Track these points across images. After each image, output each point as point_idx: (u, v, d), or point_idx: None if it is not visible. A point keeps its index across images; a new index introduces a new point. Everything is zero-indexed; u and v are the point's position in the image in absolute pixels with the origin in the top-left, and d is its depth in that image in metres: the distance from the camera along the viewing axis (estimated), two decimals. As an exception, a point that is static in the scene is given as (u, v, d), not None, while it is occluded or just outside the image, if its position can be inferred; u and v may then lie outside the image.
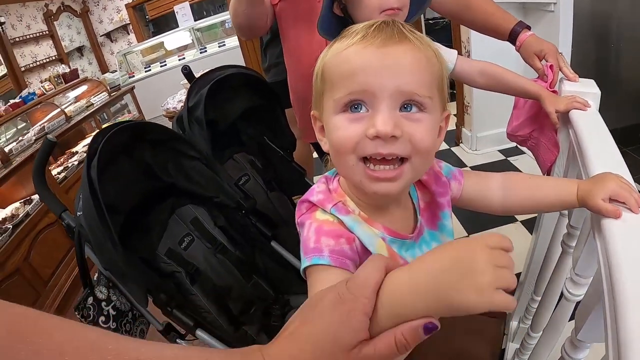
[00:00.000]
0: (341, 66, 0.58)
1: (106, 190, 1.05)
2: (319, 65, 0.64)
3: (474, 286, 0.38)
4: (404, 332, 0.41)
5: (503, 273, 0.39)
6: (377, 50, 0.56)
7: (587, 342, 0.72)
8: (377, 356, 0.41)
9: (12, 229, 2.60)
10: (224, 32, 6.18)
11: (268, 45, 2.32)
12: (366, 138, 0.55)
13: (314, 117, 0.67)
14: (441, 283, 0.40)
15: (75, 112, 4.05)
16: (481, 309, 0.38)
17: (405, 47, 0.57)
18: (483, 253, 0.40)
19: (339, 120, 0.58)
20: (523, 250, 1.62)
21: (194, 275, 1.34)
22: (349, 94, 0.56)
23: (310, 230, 0.61)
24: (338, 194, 0.65)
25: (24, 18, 5.20)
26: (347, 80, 0.56)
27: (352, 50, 0.57)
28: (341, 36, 0.62)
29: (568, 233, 0.98)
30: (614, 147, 0.84)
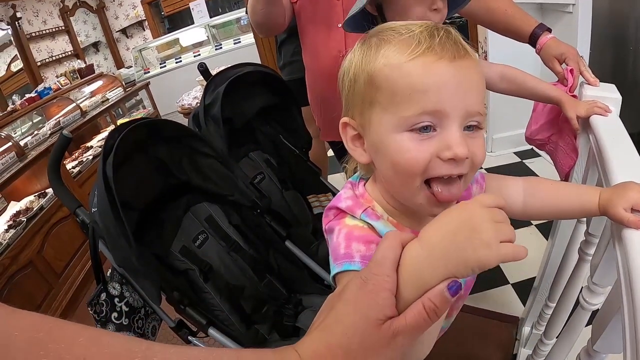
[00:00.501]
0: (410, 79, 0.53)
1: (121, 187, 1.06)
2: (364, 68, 0.58)
3: (480, 243, 0.41)
4: (430, 297, 0.41)
5: (502, 227, 0.42)
6: (449, 65, 0.53)
7: (603, 353, 0.71)
8: (409, 327, 0.41)
9: (26, 222, 2.64)
10: (239, 29, 6.18)
11: (283, 44, 2.33)
12: (437, 159, 0.53)
13: (347, 124, 0.63)
14: (451, 246, 0.42)
15: (91, 107, 4.08)
16: (493, 262, 0.40)
17: (469, 62, 0.55)
18: (482, 212, 0.43)
19: (405, 140, 0.54)
20: (538, 255, 1.60)
21: (208, 274, 1.34)
22: (422, 114, 0.53)
23: (340, 237, 0.60)
24: (366, 200, 0.64)
25: (40, 13, 5.25)
26: (418, 96, 0.53)
27: (420, 62, 0.53)
28: (389, 36, 0.57)
29: (586, 240, 0.97)
30: (635, 154, 0.82)
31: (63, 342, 0.35)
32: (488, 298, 1.95)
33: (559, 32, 1.27)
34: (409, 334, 0.41)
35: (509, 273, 2.05)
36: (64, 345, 0.35)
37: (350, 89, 0.62)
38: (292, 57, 2.28)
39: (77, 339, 0.36)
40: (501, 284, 2.01)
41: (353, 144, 0.63)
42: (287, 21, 1.46)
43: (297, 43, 2.26)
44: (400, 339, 0.41)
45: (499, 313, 1.79)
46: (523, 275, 2.01)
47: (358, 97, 0.60)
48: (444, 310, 0.42)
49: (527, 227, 2.30)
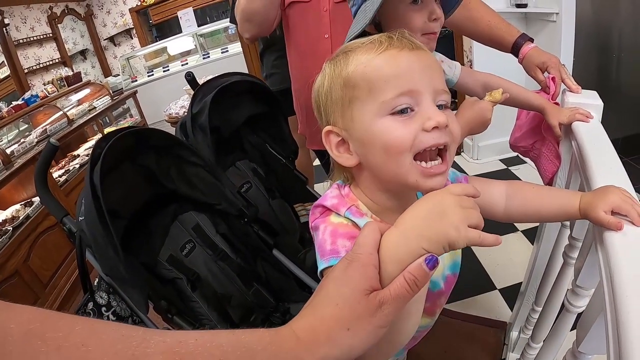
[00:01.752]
0: (383, 69, 0.59)
1: (108, 196, 1.05)
2: (338, 75, 0.64)
3: (449, 224, 0.46)
4: (410, 270, 0.46)
5: (469, 212, 0.48)
6: (411, 54, 0.60)
7: (588, 354, 0.72)
8: (393, 296, 0.45)
9: (12, 231, 2.60)
10: (227, 38, 6.19)
11: (262, 55, 2.35)
12: (422, 132, 0.58)
13: (330, 132, 0.66)
14: (424, 228, 0.47)
15: (78, 116, 4.05)
16: (461, 243, 0.46)
17: (426, 52, 0.62)
18: (450, 198, 0.48)
19: (389, 122, 0.59)
20: (524, 260, 1.62)
21: (195, 282, 1.34)
22: (399, 95, 0.58)
23: (325, 234, 0.63)
24: (350, 199, 0.67)
25: (28, 20, 5.22)
26: (393, 81, 0.58)
27: (387, 54, 0.60)
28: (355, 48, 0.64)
29: (570, 244, 0.98)
30: (616, 159, 0.84)
31: (60, 331, 0.36)
32: (476, 304, 1.96)
33: (543, 41, 1.30)
34: (394, 303, 0.45)
35: (496, 279, 2.07)
36: (61, 334, 0.36)
37: (328, 99, 0.66)
38: (272, 70, 2.30)
39: (74, 328, 0.37)
40: (489, 289, 2.02)
41: (337, 151, 0.66)
42: (276, 23, 1.46)
43: (276, 55, 2.29)
44: (386, 307, 0.45)
45: (487, 318, 1.80)
46: (510, 280, 2.03)
47: (337, 103, 0.64)
48: (423, 282, 0.46)
49: (513, 232, 2.32)
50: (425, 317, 0.84)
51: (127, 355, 0.37)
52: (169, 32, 6.49)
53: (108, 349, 0.37)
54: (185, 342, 0.40)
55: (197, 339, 0.41)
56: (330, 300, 0.46)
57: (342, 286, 0.46)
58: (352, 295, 0.45)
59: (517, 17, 2.67)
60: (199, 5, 6.26)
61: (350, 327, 0.44)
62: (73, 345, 0.35)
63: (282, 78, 2.28)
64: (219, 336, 0.42)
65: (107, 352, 0.37)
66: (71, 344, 0.35)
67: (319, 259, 0.62)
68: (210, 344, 0.41)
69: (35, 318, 0.36)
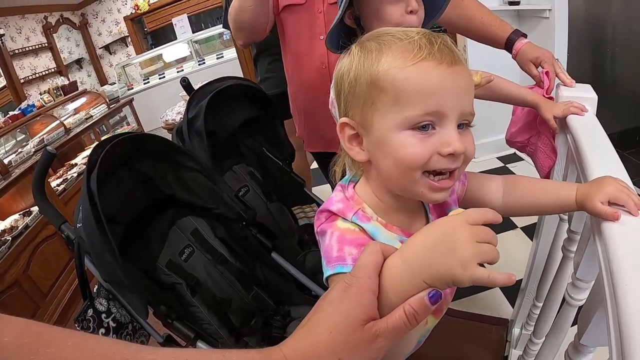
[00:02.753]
0: (414, 83, 0.57)
1: (106, 202, 1.05)
2: (366, 70, 0.61)
3: (457, 261, 0.42)
4: (411, 303, 0.44)
5: (483, 248, 0.44)
6: (447, 70, 0.57)
7: (590, 346, 0.72)
8: (390, 329, 0.44)
9: (11, 241, 2.60)
10: (222, 44, 6.20)
11: (257, 60, 2.37)
12: (437, 155, 0.57)
13: (345, 124, 0.65)
14: (429, 261, 0.44)
15: (75, 124, 4.05)
16: (467, 282, 0.42)
17: (463, 68, 0.60)
18: (464, 230, 0.44)
19: (408, 137, 0.58)
20: (524, 256, 1.61)
21: (195, 287, 1.33)
22: (426, 114, 0.57)
23: (332, 239, 0.62)
24: (356, 202, 0.66)
25: (23, 30, 5.22)
26: (423, 98, 0.57)
27: (422, 67, 0.57)
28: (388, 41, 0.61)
29: (568, 238, 0.98)
30: (612, 150, 0.84)
31: (53, 346, 0.36)
32: (477, 302, 1.96)
33: (537, 37, 1.31)
34: (390, 336, 0.44)
35: (497, 276, 2.06)
36: (54, 349, 0.36)
37: (351, 91, 0.63)
38: (266, 74, 2.32)
39: (67, 343, 0.37)
40: (489, 287, 2.02)
41: (350, 144, 0.65)
42: (268, 29, 1.47)
43: (271, 59, 2.30)
44: (381, 340, 0.43)
45: (489, 316, 1.79)
46: (511, 277, 2.02)
47: (359, 98, 0.62)
48: (423, 316, 0.44)
49: (512, 230, 2.32)
50: (433, 318, 0.83)
51: None
52: (164, 39, 6.49)
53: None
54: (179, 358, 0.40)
55: (190, 356, 0.41)
56: (325, 327, 0.45)
57: (337, 313, 0.45)
58: (347, 325, 0.44)
59: (510, 14, 2.68)
60: (193, 12, 6.27)
61: (342, 358, 0.43)
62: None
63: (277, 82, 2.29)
64: (210, 356, 0.42)
65: None
66: (63, 359, 0.35)
67: (325, 265, 0.62)
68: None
69: (28, 332, 0.36)
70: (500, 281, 0.43)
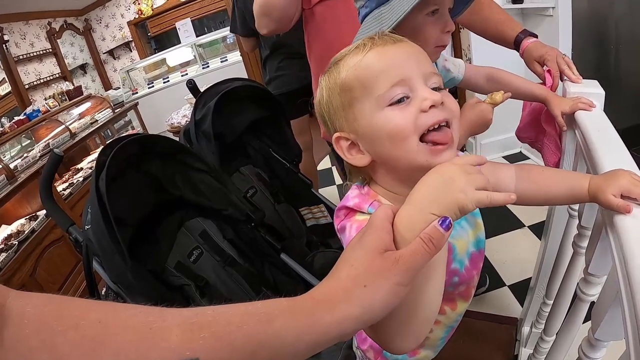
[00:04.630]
0: (372, 67, 0.63)
1: (114, 203, 1.06)
2: (334, 83, 0.67)
3: (457, 189, 0.49)
4: (425, 230, 0.47)
5: (474, 177, 0.50)
6: (394, 46, 0.64)
7: (605, 340, 0.71)
8: (409, 252, 0.46)
9: (17, 245, 2.61)
10: (226, 48, 6.21)
11: (267, 60, 2.37)
12: (421, 114, 0.60)
13: (339, 138, 0.68)
14: (435, 196, 0.50)
15: (80, 129, 4.07)
16: (471, 205, 0.49)
17: (408, 43, 0.66)
18: (454, 167, 0.52)
19: (389, 112, 0.62)
20: (532, 255, 1.61)
21: (204, 289, 1.33)
22: (393, 86, 0.61)
23: (352, 231, 0.66)
24: (371, 196, 0.69)
25: (27, 36, 5.24)
26: (383, 74, 0.62)
27: (373, 53, 0.64)
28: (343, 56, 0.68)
29: (579, 234, 0.98)
30: (621, 145, 0.83)
31: (78, 310, 0.36)
32: (486, 301, 1.95)
33: (541, 35, 1.30)
34: (410, 258, 0.46)
35: (504, 275, 2.06)
36: (78, 313, 0.36)
37: (330, 108, 0.69)
38: (276, 72, 2.32)
39: (91, 307, 0.37)
40: (498, 286, 2.01)
41: (350, 154, 0.68)
42: (294, 21, 1.43)
43: (281, 58, 2.30)
44: (403, 263, 0.45)
45: (498, 315, 1.79)
46: (519, 276, 2.02)
47: (338, 109, 0.67)
48: (439, 242, 0.47)
49: (520, 228, 2.31)
50: (462, 302, 0.85)
51: (145, 329, 0.37)
52: (168, 44, 6.51)
53: (125, 323, 0.37)
54: (203, 313, 0.40)
55: (214, 310, 0.41)
56: (346, 263, 0.47)
57: (356, 250, 0.48)
58: (366, 254, 0.47)
59: (514, 13, 2.67)
60: (196, 16, 6.29)
61: (367, 284, 0.44)
62: (90, 323, 0.35)
63: (286, 80, 2.30)
64: (236, 306, 0.42)
65: (124, 326, 0.37)
66: (88, 321, 0.35)
67: None
68: (228, 313, 0.41)
69: (51, 301, 0.36)
70: (501, 199, 0.49)
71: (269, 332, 0.40)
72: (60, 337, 0.34)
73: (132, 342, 0.36)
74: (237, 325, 0.40)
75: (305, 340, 0.42)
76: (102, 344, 0.35)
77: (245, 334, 0.40)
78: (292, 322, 0.42)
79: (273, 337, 0.40)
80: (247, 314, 0.41)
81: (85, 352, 0.34)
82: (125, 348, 0.35)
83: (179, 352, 0.37)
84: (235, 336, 0.39)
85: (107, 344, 0.35)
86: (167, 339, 0.37)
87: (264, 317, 0.41)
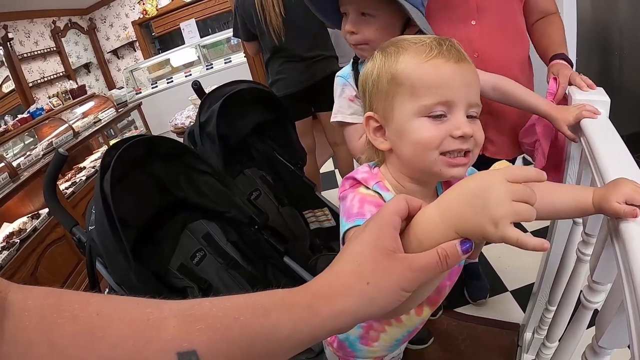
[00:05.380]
0: (427, 76, 0.66)
1: (119, 204, 1.06)
2: (387, 70, 0.70)
3: (490, 218, 0.43)
4: (444, 246, 0.45)
5: (518, 207, 0.42)
6: (455, 66, 0.66)
7: (608, 348, 0.71)
8: (423, 263, 0.45)
9: (19, 244, 2.61)
10: (230, 49, 6.21)
11: (268, 63, 2.39)
12: (449, 138, 0.65)
13: (370, 118, 0.73)
14: (463, 213, 0.45)
15: (83, 128, 4.07)
16: (497, 240, 0.43)
17: (469, 64, 0.68)
18: (501, 187, 0.43)
19: (423, 123, 0.66)
20: (535, 261, 1.60)
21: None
22: (438, 103, 0.65)
23: (354, 200, 0.69)
24: (379, 177, 0.74)
25: (31, 34, 5.25)
26: (434, 89, 0.65)
27: (434, 63, 0.66)
28: (407, 45, 0.70)
29: (583, 241, 0.98)
30: (626, 152, 0.84)
31: (77, 303, 0.36)
32: (487, 307, 1.95)
33: (545, 42, 1.32)
34: (421, 271, 0.45)
35: (507, 281, 2.05)
36: (77, 305, 0.36)
37: (374, 88, 0.73)
38: (276, 76, 2.34)
39: (89, 300, 0.37)
40: (500, 292, 2.01)
41: (374, 135, 0.74)
42: None
43: (281, 62, 2.32)
44: (413, 274, 0.44)
45: (500, 321, 1.79)
46: (521, 282, 2.01)
47: (381, 93, 0.71)
48: (453, 261, 0.45)
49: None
50: (428, 308, 0.89)
51: (142, 320, 0.37)
52: (172, 44, 6.52)
53: (123, 315, 0.37)
54: (200, 305, 0.40)
55: (212, 302, 0.41)
56: (350, 256, 0.46)
57: (362, 244, 0.46)
58: (373, 253, 0.45)
59: (519, 18, 2.67)
60: (201, 17, 6.30)
61: (371, 282, 0.43)
62: (88, 315, 0.36)
63: (287, 83, 2.31)
64: (234, 298, 0.42)
65: (122, 318, 0.37)
66: (86, 313, 0.36)
67: (344, 222, 0.68)
68: (225, 305, 0.41)
69: (51, 294, 0.37)
70: (531, 245, 0.43)
71: (266, 324, 0.41)
72: (58, 329, 0.34)
73: (129, 334, 0.36)
74: (233, 317, 0.40)
75: (303, 332, 0.42)
76: (99, 336, 0.35)
77: (242, 326, 0.40)
78: (288, 314, 0.42)
79: (270, 329, 0.41)
80: (244, 306, 0.41)
81: (83, 345, 0.34)
82: (122, 340, 0.36)
83: (176, 344, 0.37)
84: (232, 328, 0.39)
85: (105, 337, 0.35)
86: (165, 330, 0.37)
87: (260, 310, 0.41)
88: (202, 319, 0.39)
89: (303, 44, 2.27)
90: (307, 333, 0.42)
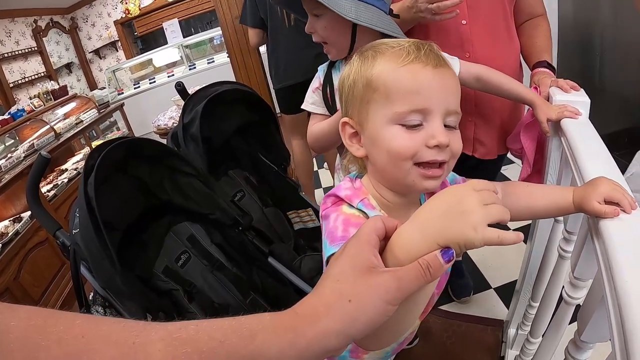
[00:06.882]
0: (403, 82, 0.63)
1: (103, 208, 1.05)
2: (362, 74, 0.68)
3: (469, 224, 0.44)
4: (425, 257, 0.45)
5: (491, 210, 0.45)
6: (433, 71, 0.63)
7: (590, 342, 0.73)
8: (401, 274, 0.45)
9: (1, 248, 2.57)
10: (213, 49, 6.19)
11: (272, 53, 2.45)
12: (424, 147, 0.63)
13: (346, 123, 0.71)
14: (442, 225, 0.46)
15: (65, 129, 4.01)
16: (479, 243, 0.44)
17: (448, 70, 0.66)
18: (471, 195, 0.46)
19: (396, 131, 0.64)
20: (517, 258, 1.63)
21: (192, 293, 1.33)
22: (412, 111, 0.63)
23: (337, 221, 0.66)
24: (362, 192, 0.71)
25: (12, 34, 5.17)
26: (409, 95, 0.63)
27: (410, 68, 0.63)
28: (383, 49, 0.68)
29: (564, 238, 1.00)
30: (605, 151, 0.85)
31: (61, 325, 0.36)
32: (472, 304, 1.97)
33: (527, 43, 1.34)
34: (404, 283, 0.44)
35: (490, 278, 2.08)
36: (62, 327, 0.36)
37: (350, 92, 0.71)
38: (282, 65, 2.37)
39: (74, 322, 0.37)
40: (484, 289, 2.03)
41: (350, 141, 0.72)
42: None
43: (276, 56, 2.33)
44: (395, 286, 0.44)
45: (484, 317, 1.81)
46: (504, 279, 2.04)
47: (357, 99, 0.69)
48: (436, 271, 0.45)
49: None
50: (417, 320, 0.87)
51: (128, 343, 0.37)
52: (155, 44, 6.48)
53: (108, 338, 0.37)
54: (186, 328, 0.40)
55: (198, 325, 0.41)
56: (331, 278, 0.46)
57: (341, 265, 0.46)
58: (353, 271, 0.45)
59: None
60: (184, 17, 6.27)
61: (352, 299, 0.43)
62: (73, 337, 0.36)
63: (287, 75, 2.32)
64: (220, 321, 0.42)
65: (107, 341, 0.37)
66: (71, 336, 0.36)
67: (328, 246, 0.65)
68: (211, 328, 0.41)
69: (36, 315, 0.36)
70: (510, 240, 0.44)
71: (251, 348, 0.40)
72: (43, 352, 0.34)
73: (114, 358, 0.36)
74: (219, 341, 0.40)
75: (288, 355, 0.42)
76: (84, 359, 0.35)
77: (228, 349, 0.40)
78: (274, 337, 0.42)
79: (256, 352, 0.41)
80: (230, 329, 0.41)
81: None
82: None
83: None
84: (218, 351, 0.39)
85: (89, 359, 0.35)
86: (151, 354, 0.37)
87: (246, 332, 0.41)
88: (188, 343, 0.39)
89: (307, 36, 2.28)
90: (293, 355, 0.42)
